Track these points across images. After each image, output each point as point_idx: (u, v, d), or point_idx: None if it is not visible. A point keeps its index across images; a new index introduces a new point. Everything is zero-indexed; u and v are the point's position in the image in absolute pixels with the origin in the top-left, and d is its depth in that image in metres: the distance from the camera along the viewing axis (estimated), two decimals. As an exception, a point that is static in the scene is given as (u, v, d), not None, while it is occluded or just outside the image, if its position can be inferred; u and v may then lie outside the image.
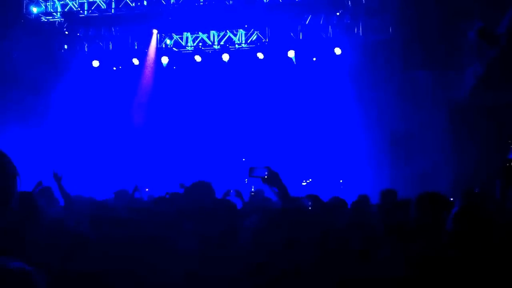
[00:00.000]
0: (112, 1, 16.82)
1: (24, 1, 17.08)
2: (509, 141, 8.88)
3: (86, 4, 16.99)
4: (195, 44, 16.70)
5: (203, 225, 3.76)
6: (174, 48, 16.85)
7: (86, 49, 17.34)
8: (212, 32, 16.59)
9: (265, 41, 16.12)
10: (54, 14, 17.20)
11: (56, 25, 17.23)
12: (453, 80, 12.42)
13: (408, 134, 13.74)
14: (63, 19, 17.02)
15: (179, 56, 16.80)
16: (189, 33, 16.74)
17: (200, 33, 16.62)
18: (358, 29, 15.60)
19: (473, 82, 10.42)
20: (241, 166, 15.43)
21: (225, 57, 16.15)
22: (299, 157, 15.52)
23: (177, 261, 3.44)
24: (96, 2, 16.88)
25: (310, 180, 15.00)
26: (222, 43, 16.49)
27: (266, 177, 4.17)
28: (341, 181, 14.82)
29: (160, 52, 16.80)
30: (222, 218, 3.84)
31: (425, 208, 3.75)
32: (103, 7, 16.87)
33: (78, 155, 16.34)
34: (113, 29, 17.07)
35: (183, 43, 16.79)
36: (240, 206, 6.35)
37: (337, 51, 15.38)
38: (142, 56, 16.81)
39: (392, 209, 5.22)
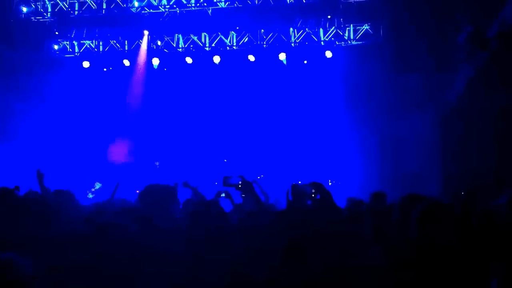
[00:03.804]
0: (103, 2, 16.76)
1: (14, 1, 16.98)
2: None
3: (76, 5, 16.93)
4: (186, 45, 16.66)
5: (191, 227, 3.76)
6: (165, 50, 16.79)
7: (76, 50, 17.25)
8: (203, 34, 16.55)
9: (256, 44, 16.11)
10: (45, 14, 17.11)
11: (46, 25, 17.14)
12: (444, 84, 12.47)
13: (399, 136, 13.78)
14: (53, 20, 16.95)
15: (170, 57, 16.75)
16: (180, 35, 16.69)
17: (191, 34, 16.57)
18: (349, 33, 15.64)
19: (464, 85, 10.47)
20: (233, 167, 15.43)
21: (216, 59, 16.14)
22: (289, 159, 15.55)
23: (165, 263, 3.43)
24: (87, 2, 16.80)
25: (300, 182, 14.98)
26: (213, 45, 16.46)
27: (239, 185, 4.36)
28: (329, 183, 14.84)
29: (151, 53, 16.74)
30: (211, 219, 3.85)
31: (407, 211, 3.75)
32: (94, 8, 16.81)
33: (68, 156, 16.27)
34: (103, 30, 17.00)
35: (174, 45, 16.74)
36: (230, 207, 6.34)
37: (328, 54, 15.43)
38: (133, 57, 16.74)
39: (382, 211, 5.23)
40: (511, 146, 9.97)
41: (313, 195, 4.56)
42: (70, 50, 17.29)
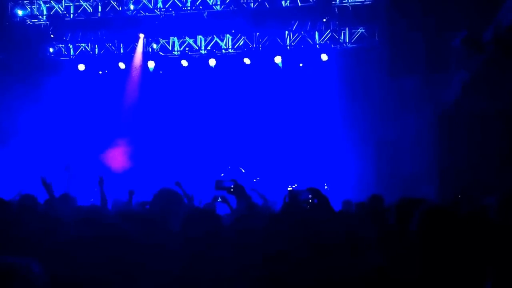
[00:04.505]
0: (99, 5, 16.75)
1: (9, 4, 16.95)
2: None
3: (72, 8, 16.92)
4: (181, 48, 16.66)
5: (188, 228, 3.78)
6: (160, 53, 16.79)
7: (71, 53, 17.22)
8: (199, 37, 16.56)
9: (252, 47, 16.12)
10: (40, 17, 17.11)
11: (42, 28, 17.11)
12: (439, 87, 12.51)
13: (394, 139, 13.81)
14: (48, 22, 16.92)
15: (165, 60, 16.74)
16: (175, 38, 16.69)
17: (187, 37, 16.58)
18: (344, 36, 15.68)
19: (459, 88, 10.50)
20: (227, 171, 15.42)
21: (212, 62, 16.13)
22: (285, 162, 15.55)
23: (164, 262, 3.44)
24: (82, 5, 16.79)
25: (296, 185, 15.01)
26: (209, 48, 16.46)
27: (232, 189, 4.40)
28: (326, 186, 14.85)
29: (146, 56, 16.74)
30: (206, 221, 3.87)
31: (403, 213, 3.76)
32: (89, 11, 16.80)
33: (63, 159, 16.22)
34: (99, 33, 16.98)
35: (170, 48, 16.74)
36: (226, 211, 6.34)
37: (324, 57, 15.44)
38: (129, 60, 16.72)
39: (380, 214, 5.24)
40: (507, 148, 10.02)
41: (310, 201, 4.58)
42: (66, 53, 17.27)
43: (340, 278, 3.45)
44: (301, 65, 15.97)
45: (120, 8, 16.54)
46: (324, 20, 15.58)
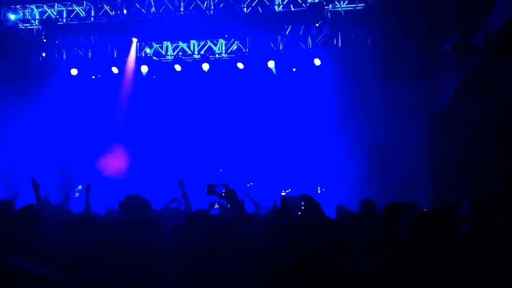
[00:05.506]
0: (92, 9, 16.72)
1: (2, 8, 16.91)
2: None
3: (65, 12, 16.88)
4: (175, 53, 16.65)
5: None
6: (154, 57, 16.77)
7: (64, 57, 17.18)
8: (192, 42, 16.57)
9: (245, 51, 16.14)
10: (32, 21, 17.06)
11: (34, 32, 17.07)
12: (431, 91, 12.57)
13: (387, 143, 13.84)
14: (41, 27, 16.88)
15: (159, 65, 16.73)
16: (169, 42, 16.69)
17: (180, 42, 16.59)
18: (337, 40, 15.72)
19: (451, 92, 10.56)
20: (222, 174, 15.41)
21: (205, 66, 16.13)
22: (278, 167, 15.55)
23: (165, 265, 3.46)
24: (75, 10, 16.77)
25: (290, 190, 15.02)
26: (202, 52, 16.47)
27: (223, 194, 4.45)
28: (319, 190, 14.86)
29: (139, 61, 16.71)
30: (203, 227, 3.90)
31: (392, 218, 3.77)
32: (82, 15, 16.77)
33: (56, 165, 16.16)
34: (92, 37, 16.96)
35: (163, 52, 16.73)
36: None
37: (317, 62, 15.48)
38: (122, 65, 16.69)
39: (371, 219, 5.25)
40: (500, 151, 10.07)
41: (302, 207, 4.61)
42: (58, 57, 17.21)
43: (335, 282, 3.46)
44: (294, 69, 16.01)
45: (113, 13, 16.51)
46: (317, 25, 15.62)
